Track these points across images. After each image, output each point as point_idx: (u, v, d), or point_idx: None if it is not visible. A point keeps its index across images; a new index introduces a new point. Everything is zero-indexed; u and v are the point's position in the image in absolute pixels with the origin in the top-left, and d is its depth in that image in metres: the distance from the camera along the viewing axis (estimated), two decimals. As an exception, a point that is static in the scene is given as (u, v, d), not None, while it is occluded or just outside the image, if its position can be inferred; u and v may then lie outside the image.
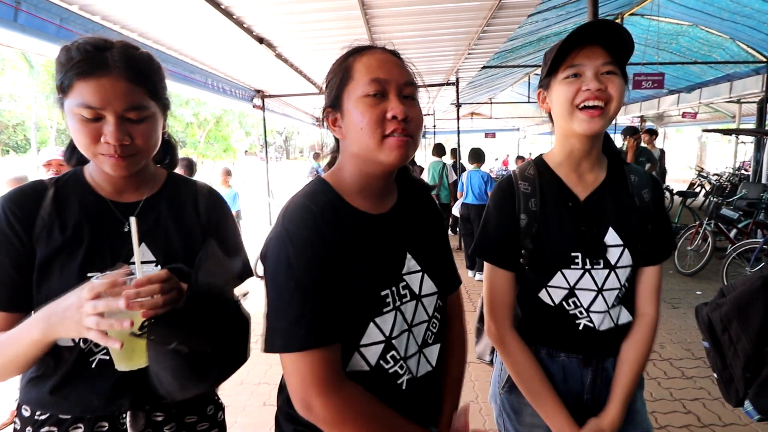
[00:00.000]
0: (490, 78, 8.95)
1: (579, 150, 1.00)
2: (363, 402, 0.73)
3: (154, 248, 0.89)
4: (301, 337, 0.69)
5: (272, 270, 0.73)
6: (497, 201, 1.06)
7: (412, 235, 0.86)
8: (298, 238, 0.72)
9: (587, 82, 0.90)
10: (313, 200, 0.76)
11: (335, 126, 0.81)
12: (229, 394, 2.89)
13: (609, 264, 1.00)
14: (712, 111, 13.16)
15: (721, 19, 6.22)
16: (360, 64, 0.77)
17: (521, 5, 3.47)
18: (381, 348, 0.77)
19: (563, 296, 1.02)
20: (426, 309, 0.85)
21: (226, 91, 5.23)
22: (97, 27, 2.94)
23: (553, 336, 1.04)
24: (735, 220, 5.16)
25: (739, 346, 1.40)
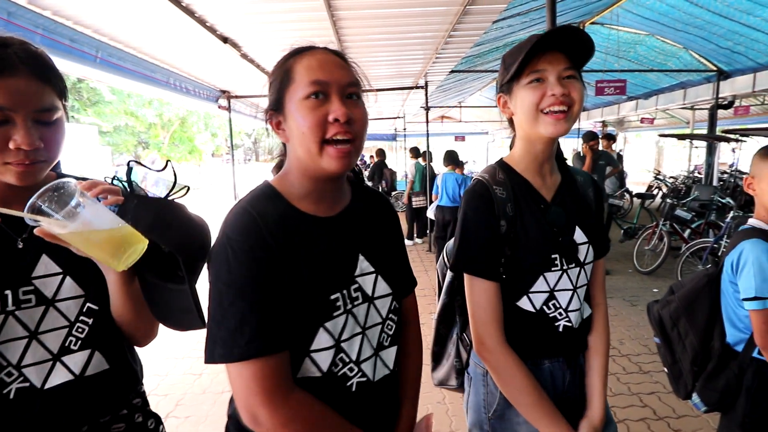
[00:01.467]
0: (458, 82, 9.08)
1: (542, 153, 1.01)
2: (311, 411, 0.72)
3: (56, 259, 0.82)
4: (242, 345, 0.67)
5: (214, 277, 0.71)
6: (475, 208, 1.00)
7: (365, 236, 0.85)
8: (238, 245, 0.70)
9: (552, 87, 0.91)
10: (255, 205, 0.74)
11: (279, 129, 0.79)
12: (191, 404, 2.79)
13: (579, 262, 1.04)
14: (669, 117, 13.83)
15: (675, 29, 6.54)
16: (300, 65, 0.76)
17: (486, 12, 3.54)
18: (332, 353, 0.76)
19: (544, 300, 1.01)
20: (380, 311, 0.84)
21: (190, 91, 5.07)
22: (48, 22, 2.79)
23: (534, 344, 1.02)
24: (688, 220, 5.43)
25: (687, 341, 1.47)
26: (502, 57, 1.02)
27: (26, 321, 0.79)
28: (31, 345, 0.79)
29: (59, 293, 0.82)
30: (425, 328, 3.90)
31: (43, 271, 0.80)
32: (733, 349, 1.37)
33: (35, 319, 0.80)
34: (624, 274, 5.28)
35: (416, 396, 0.95)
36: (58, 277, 0.82)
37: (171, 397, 2.88)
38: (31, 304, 0.79)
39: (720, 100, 7.46)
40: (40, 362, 0.80)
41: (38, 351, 0.80)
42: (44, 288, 0.80)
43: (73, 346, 0.83)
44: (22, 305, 0.78)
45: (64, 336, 0.82)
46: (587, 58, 0.94)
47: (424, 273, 5.74)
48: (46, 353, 0.80)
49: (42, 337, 0.80)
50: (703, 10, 5.63)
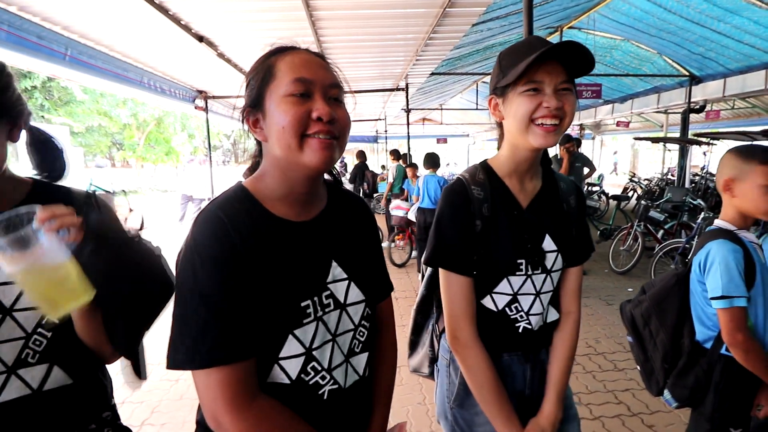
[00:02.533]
0: (439, 84, 9.15)
1: (526, 161, 1.02)
2: (276, 418, 0.70)
3: None
4: (204, 353, 0.65)
5: (179, 282, 0.69)
6: (452, 204, 1.02)
7: (340, 242, 0.83)
8: (205, 249, 0.67)
9: (547, 100, 0.91)
10: (225, 209, 0.72)
11: (256, 127, 0.76)
12: (167, 411, 2.72)
13: (546, 269, 1.05)
14: (643, 120, 14.24)
15: (649, 35, 6.74)
16: (283, 63, 0.74)
17: (465, 14, 3.57)
18: (302, 360, 0.74)
19: (507, 302, 1.04)
20: (351, 318, 0.82)
21: (165, 91, 4.96)
22: (14, 18, 2.68)
23: (494, 340, 1.05)
24: (662, 221, 5.58)
25: (658, 339, 1.49)
26: (498, 56, 1.01)
27: None
28: None
29: (18, 302, 0.78)
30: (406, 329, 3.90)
31: (2, 278, 0.76)
32: (702, 347, 1.40)
33: None
34: (600, 274, 5.38)
35: (389, 401, 0.93)
36: (12, 285, 0.77)
37: (146, 404, 2.79)
38: None
39: (692, 104, 7.72)
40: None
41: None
42: (2, 296, 0.76)
43: (30, 359, 0.78)
44: None
45: (20, 348, 0.78)
46: (585, 72, 0.94)
47: (405, 275, 5.75)
48: (0, 365, 0.76)
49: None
50: (676, 16, 5.82)
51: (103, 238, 0.73)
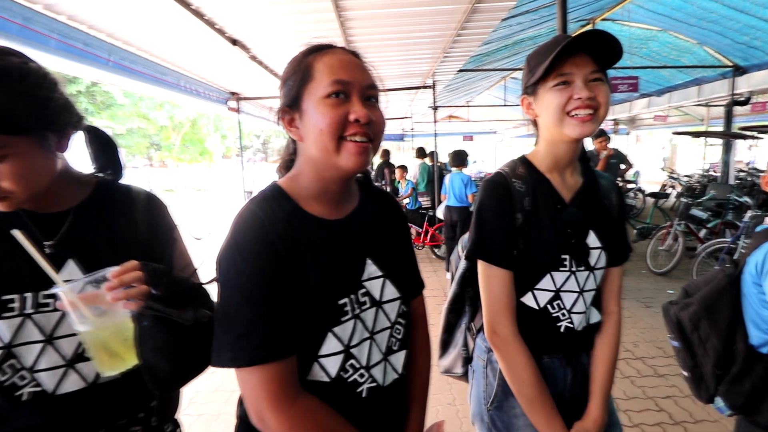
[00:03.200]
0: (467, 81, 9.03)
1: (565, 155, 1.02)
2: (318, 416, 0.71)
3: (83, 265, 0.82)
4: (249, 351, 0.67)
5: (221, 281, 0.70)
6: (493, 197, 1.01)
7: (373, 240, 0.84)
8: (246, 249, 0.69)
9: (578, 91, 0.91)
10: (264, 208, 0.73)
11: (292, 127, 0.78)
12: (203, 402, 2.82)
13: (589, 266, 1.04)
14: (682, 114, 13.60)
15: (688, 24, 6.43)
16: (321, 63, 0.74)
17: (494, 9, 3.50)
18: (341, 358, 0.75)
19: (549, 299, 1.02)
20: (388, 315, 0.83)
21: (200, 93, 5.12)
22: (63, 27, 2.83)
23: (535, 341, 1.02)
24: (704, 220, 5.33)
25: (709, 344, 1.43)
26: (526, 58, 1.02)
27: (43, 325, 0.79)
28: (46, 349, 0.79)
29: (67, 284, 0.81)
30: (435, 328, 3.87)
31: (66, 276, 0.80)
32: (758, 352, 1.32)
33: (52, 323, 0.79)
34: (637, 275, 5.19)
35: (425, 400, 0.94)
36: None
37: (184, 395, 2.90)
38: (49, 309, 0.79)
39: (736, 96, 7.31)
40: (53, 368, 0.79)
41: (52, 356, 0.79)
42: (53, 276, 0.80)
43: (86, 353, 0.82)
44: (41, 309, 0.78)
45: (78, 342, 0.82)
46: (614, 61, 0.93)
47: (432, 273, 5.72)
48: (60, 359, 0.80)
49: (57, 342, 0.80)
50: (718, 4, 5.52)
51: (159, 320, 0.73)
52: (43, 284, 0.77)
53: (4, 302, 0.75)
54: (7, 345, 0.76)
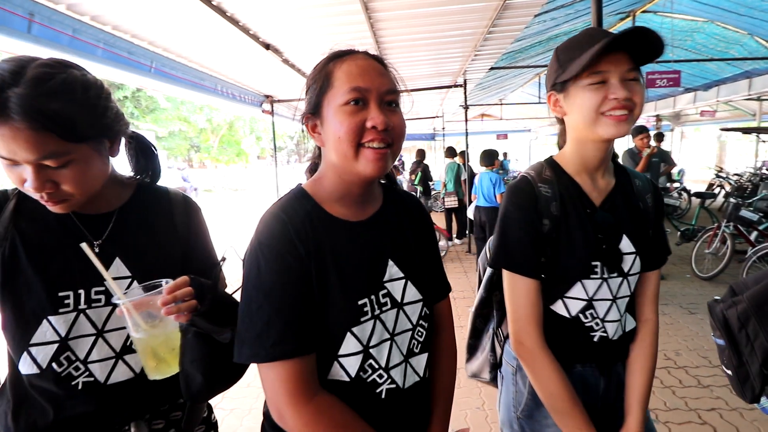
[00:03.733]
0: (499, 79, 8.87)
1: (595, 156, 0.97)
2: (335, 414, 0.73)
3: (128, 263, 0.88)
4: (268, 348, 0.70)
5: (245, 280, 0.73)
6: (517, 203, 0.97)
7: (395, 241, 0.84)
8: (269, 250, 0.72)
9: (614, 91, 0.87)
10: (287, 210, 0.76)
11: (315, 132, 0.80)
12: (236, 397, 2.90)
13: (623, 272, 0.99)
14: (732, 109, 12.83)
15: (737, 14, 6.06)
16: (340, 71, 0.75)
17: (527, 5, 3.43)
18: (360, 358, 0.76)
19: (581, 308, 0.98)
20: (409, 317, 0.83)
21: (236, 96, 5.28)
22: (108, 37, 3.00)
23: (566, 349, 0.99)
24: (755, 221, 4.99)
25: (757, 343, 1.35)
26: (555, 51, 0.97)
27: (95, 319, 0.84)
28: (97, 342, 0.85)
29: (128, 294, 0.87)
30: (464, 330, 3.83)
31: (114, 273, 0.86)
32: None
33: (102, 317, 0.85)
34: (681, 280, 4.94)
35: (449, 404, 0.93)
36: (127, 280, 0.88)
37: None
38: (101, 304, 0.85)
39: (793, 89, 6.83)
40: (104, 359, 0.85)
41: (103, 348, 0.85)
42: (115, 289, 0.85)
43: (133, 346, 0.87)
44: (93, 304, 0.84)
45: (126, 336, 0.87)
46: (653, 58, 0.89)
47: (463, 274, 5.66)
48: (110, 351, 0.86)
49: (107, 335, 0.86)
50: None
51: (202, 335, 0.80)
52: (94, 281, 0.84)
53: (60, 298, 0.81)
54: (63, 338, 0.82)
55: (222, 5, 2.88)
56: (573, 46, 0.93)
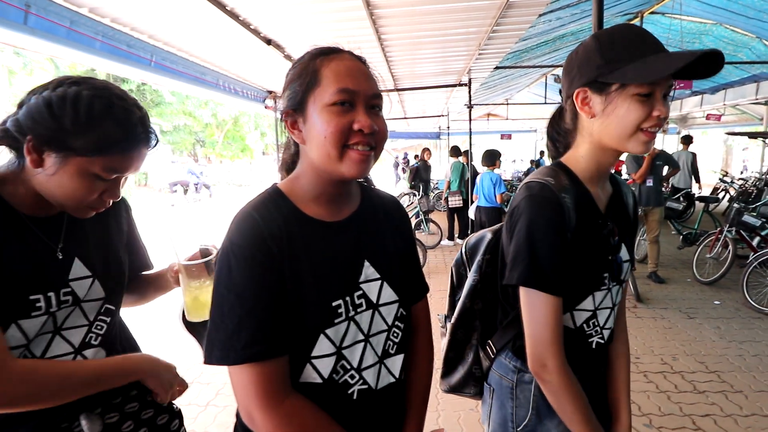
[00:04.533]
0: (504, 79, 8.82)
1: (609, 163, 0.94)
2: (306, 416, 0.72)
3: (86, 263, 0.89)
4: (239, 350, 0.68)
5: (216, 280, 0.72)
6: (547, 216, 0.88)
7: (372, 242, 0.83)
8: (240, 250, 0.70)
9: (659, 108, 0.82)
10: (260, 210, 0.74)
11: (295, 129, 0.77)
12: (230, 394, 2.90)
13: (620, 280, 1.00)
14: (739, 113, 12.70)
15: (746, 17, 5.98)
16: (328, 69, 0.74)
17: (531, 4, 3.39)
18: (333, 360, 0.75)
19: (586, 318, 0.97)
20: (385, 318, 0.82)
21: (238, 92, 5.27)
22: (107, 29, 2.99)
23: (569, 359, 0.94)
24: (758, 227, 4.94)
25: None
26: (596, 41, 0.86)
27: (60, 319, 0.84)
28: (55, 339, 0.84)
29: (88, 294, 0.88)
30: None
31: (76, 274, 0.87)
32: None
33: (64, 317, 0.85)
34: (681, 284, 4.90)
35: (424, 406, 0.92)
36: (89, 279, 0.88)
37: (212, 386, 3.01)
38: (68, 305, 0.85)
39: (800, 94, 6.74)
40: (63, 354, 0.85)
41: (61, 345, 0.85)
42: (78, 289, 0.87)
43: (93, 341, 0.89)
44: (62, 306, 0.84)
45: (85, 333, 0.88)
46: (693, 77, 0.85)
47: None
48: (69, 347, 0.86)
49: (65, 332, 0.86)
50: (780, -6, 5.11)
51: None
52: (60, 284, 0.84)
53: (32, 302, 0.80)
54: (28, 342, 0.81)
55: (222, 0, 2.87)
56: (624, 43, 0.83)
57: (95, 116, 0.77)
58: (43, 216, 0.84)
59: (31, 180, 0.80)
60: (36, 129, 0.75)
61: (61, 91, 0.76)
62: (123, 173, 0.83)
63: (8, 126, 0.77)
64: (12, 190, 0.80)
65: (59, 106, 0.75)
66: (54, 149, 0.76)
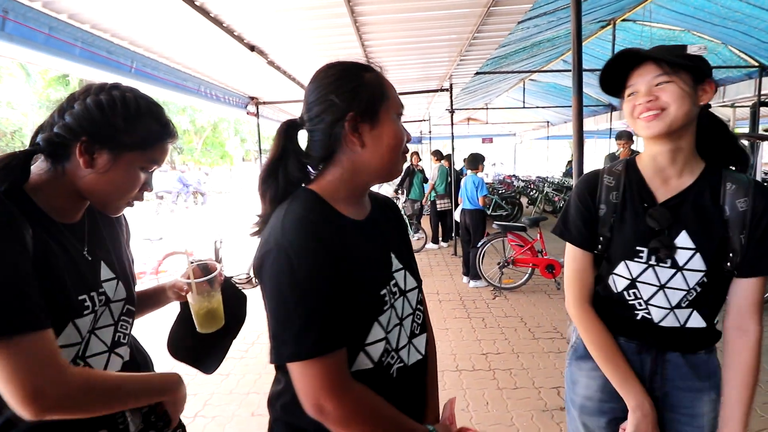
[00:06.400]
0: (484, 84, 8.98)
1: (661, 155, 1.07)
2: (370, 400, 0.78)
3: (110, 266, 0.92)
4: (309, 345, 0.72)
5: (275, 282, 0.74)
6: (580, 189, 1.19)
7: (390, 236, 0.92)
8: (301, 250, 0.73)
9: (638, 98, 1.03)
10: (313, 212, 0.79)
11: (355, 133, 0.81)
12: (218, 404, 2.86)
13: (676, 264, 1.05)
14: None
15: (712, 24, 6.26)
16: (390, 87, 0.86)
17: (510, 12, 3.48)
18: (383, 344, 0.82)
19: (625, 286, 1.11)
20: (410, 302, 0.91)
21: (220, 98, 5.23)
22: (87, 35, 2.94)
23: (614, 321, 1.14)
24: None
25: None
26: None
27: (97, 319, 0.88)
28: (92, 339, 0.86)
29: (115, 295, 0.92)
30: (450, 333, 3.86)
31: (104, 276, 0.90)
32: None
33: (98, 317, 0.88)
34: None
35: (437, 382, 1.04)
36: (114, 281, 0.92)
37: (199, 397, 2.96)
38: (102, 304, 0.88)
39: (762, 97, 7.06)
40: (99, 353, 0.88)
41: (98, 344, 0.87)
42: (108, 290, 0.90)
43: (122, 340, 0.93)
44: (99, 305, 0.87)
45: (113, 332, 0.91)
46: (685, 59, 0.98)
47: (449, 277, 5.69)
48: (104, 346, 0.89)
49: (98, 332, 0.88)
50: (743, 3, 5.37)
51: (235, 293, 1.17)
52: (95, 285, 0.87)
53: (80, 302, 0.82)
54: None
55: (205, 6, 2.85)
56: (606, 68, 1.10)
57: (141, 114, 0.85)
58: (68, 222, 0.87)
59: (75, 183, 0.83)
60: (91, 130, 0.81)
61: (106, 94, 0.83)
62: (160, 165, 0.91)
63: (57, 131, 0.80)
64: (45, 197, 0.82)
65: (111, 107, 0.82)
66: (108, 147, 0.82)
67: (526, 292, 5.05)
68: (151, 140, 0.87)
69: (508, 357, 3.42)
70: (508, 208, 9.96)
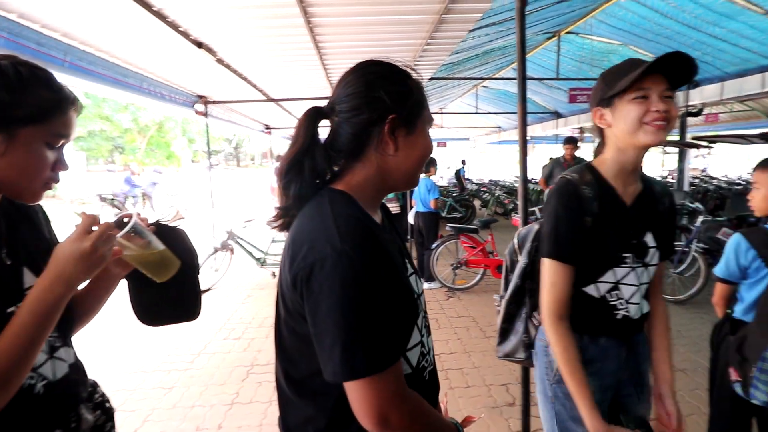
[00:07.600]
0: (438, 89, 9.17)
1: (631, 163, 1.15)
2: (421, 404, 0.76)
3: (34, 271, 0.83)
4: (382, 356, 0.68)
5: (338, 292, 0.66)
6: (566, 203, 1.15)
7: (401, 240, 0.93)
8: (365, 254, 0.68)
9: (656, 104, 1.05)
10: (360, 211, 0.75)
11: (392, 136, 0.78)
12: (159, 420, 2.71)
13: (645, 263, 1.20)
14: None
15: (647, 39, 6.75)
16: (426, 98, 0.86)
17: (461, 21, 3.58)
18: (420, 348, 0.81)
19: (608, 289, 1.18)
20: (423, 304, 0.90)
21: (165, 96, 4.98)
22: (14, 25, 2.70)
23: (594, 325, 1.21)
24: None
25: None
26: (601, 76, 1.17)
27: None
28: None
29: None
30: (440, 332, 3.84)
31: (28, 282, 0.81)
32: None
33: None
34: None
35: None
36: None
37: (138, 413, 2.78)
38: None
39: (690, 107, 7.71)
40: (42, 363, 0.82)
41: None
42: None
43: (58, 344, 0.87)
44: None
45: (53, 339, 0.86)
46: (686, 81, 1.07)
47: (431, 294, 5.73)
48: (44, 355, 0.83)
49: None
50: (672, 21, 5.83)
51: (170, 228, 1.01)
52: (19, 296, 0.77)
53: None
54: None
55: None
56: (618, 71, 1.11)
57: (26, 83, 0.73)
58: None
59: None
60: None
61: None
62: (68, 138, 0.81)
63: None
64: None
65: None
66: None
67: (478, 292, 5.20)
68: (47, 111, 0.75)
69: (460, 357, 3.50)
70: (462, 211, 10.21)
